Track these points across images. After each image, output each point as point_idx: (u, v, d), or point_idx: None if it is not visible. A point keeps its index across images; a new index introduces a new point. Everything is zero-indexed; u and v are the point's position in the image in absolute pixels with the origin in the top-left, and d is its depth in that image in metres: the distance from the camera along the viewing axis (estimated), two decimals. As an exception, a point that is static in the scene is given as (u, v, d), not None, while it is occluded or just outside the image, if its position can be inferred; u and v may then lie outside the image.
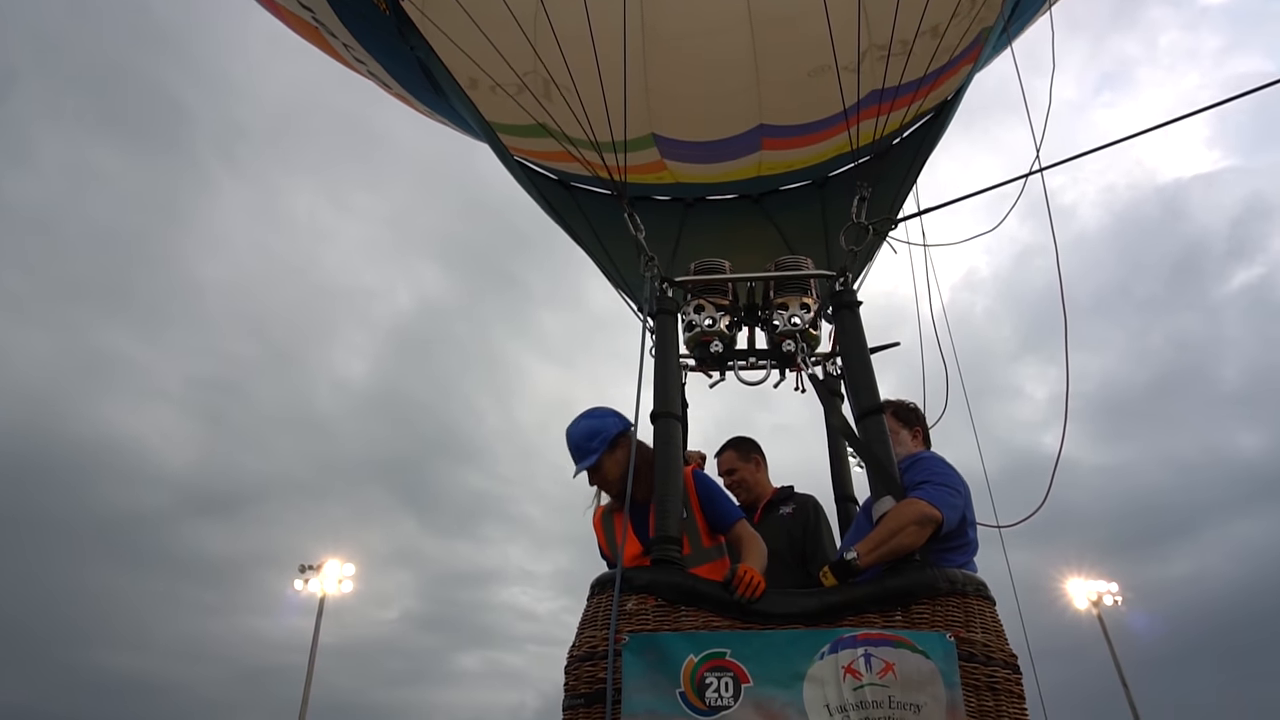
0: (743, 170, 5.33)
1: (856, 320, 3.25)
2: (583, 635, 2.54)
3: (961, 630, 2.35)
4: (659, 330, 3.28)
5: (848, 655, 2.29)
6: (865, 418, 2.96)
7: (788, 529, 3.46)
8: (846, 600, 2.44)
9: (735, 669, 2.31)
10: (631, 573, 2.58)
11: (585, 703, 2.41)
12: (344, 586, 40.74)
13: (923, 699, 2.23)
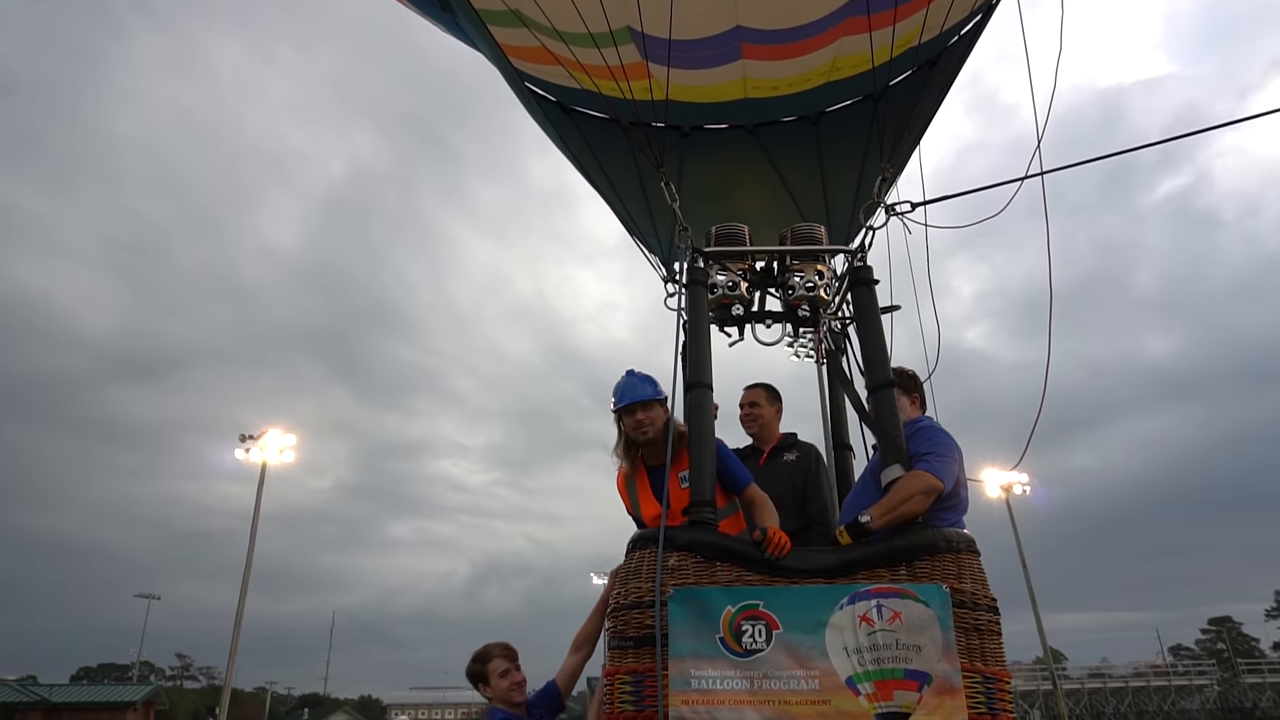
0: (729, 88, 5.10)
1: (873, 296, 3.47)
2: (628, 586, 2.86)
3: (955, 581, 2.78)
4: (691, 301, 3.46)
5: (863, 606, 2.70)
6: (877, 391, 3.23)
7: (790, 474, 3.78)
8: (861, 558, 2.81)
9: (767, 618, 2.69)
10: (674, 533, 2.86)
11: (634, 645, 2.77)
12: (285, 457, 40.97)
13: (923, 640, 2.66)
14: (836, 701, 2.59)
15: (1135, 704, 58.36)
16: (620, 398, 3.30)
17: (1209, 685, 62.89)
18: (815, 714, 2.58)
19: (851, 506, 3.30)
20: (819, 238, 3.72)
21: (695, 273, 3.54)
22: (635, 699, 2.69)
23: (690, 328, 3.40)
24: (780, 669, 2.63)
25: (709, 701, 2.60)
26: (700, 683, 2.63)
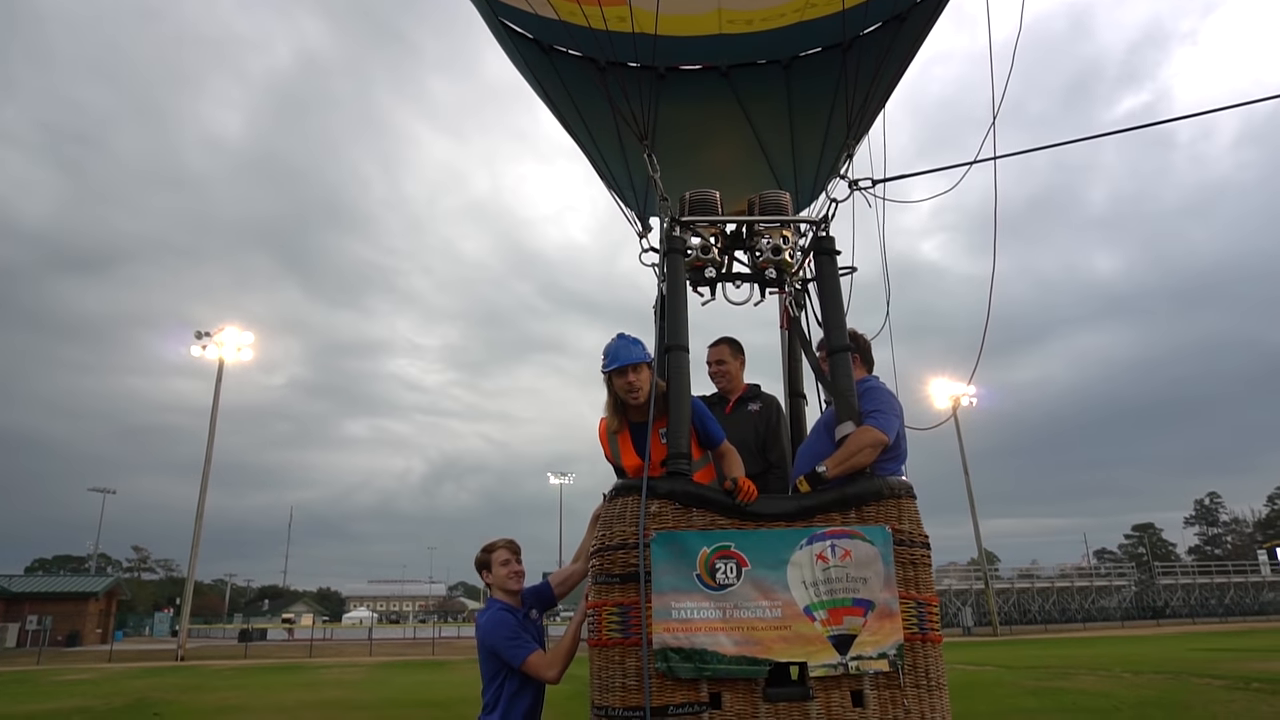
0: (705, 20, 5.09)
1: (833, 264, 3.78)
2: (613, 530, 3.19)
3: (896, 523, 3.19)
4: (670, 268, 3.70)
5: (819, 546, 3.11)
6: (835, 354, 3.57)
7: (754, 423, 4.11)
8: (817, 504, 3.19)
9: (738, 557, 3.07)
10: (654, 482, 3.19)
11: (620, 581, 3.11)
12: (243, 355, 40.54)
13: (868, 574, 3.09)
14: (796, 627, 2.99)
15: (1059, 603, 62.30)
16: (612, 360, 3.52)
17: (1127, 586, 67.22)
18: (778, 637, 2.97)
19: (806, 455, 3.66)
20: (785, 204, 4.00)
21: (674, 241, 3.77)
22: (622, 627, 3.04)
23: (669, 292, 3.66)
24: (749, 600, 3.01)
25: (688, 629, 2.96)
26: (680, 613, 3.00)
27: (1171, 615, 61.81)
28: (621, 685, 2.98)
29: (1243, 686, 14.75)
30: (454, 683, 20.49)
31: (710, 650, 2.94)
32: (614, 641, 3.04)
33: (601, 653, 3.07)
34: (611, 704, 2.98)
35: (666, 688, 2.94)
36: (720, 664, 2.94)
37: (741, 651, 2.95)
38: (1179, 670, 18.45)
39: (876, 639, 3.00)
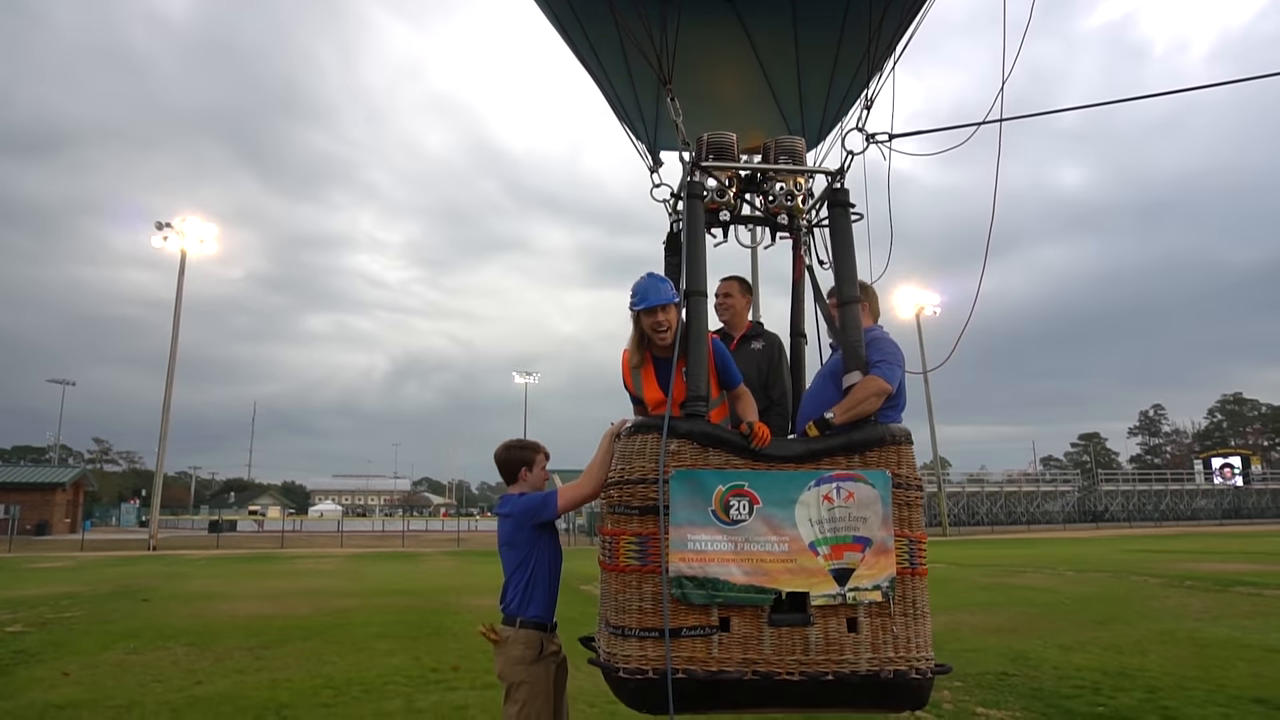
0: None
1: (848, 217, 3.86)
2: (631, 465, 3.37)
3: (895, 468, 3.39)
4: (689, 213, 3.75)
5: (826, 487, 3.30)
6: (845, 305, 3.70)
7: (757, 361, 4.23)
8: (825, 448, 3.39)
9: (750, 495, 3.26)
10: (674, 422, 3.36)
11: (639, 513, 3.31)
12: (205, 246, 39.59)
13: (868, 514, 3.30)
14: (800, 560, 3.24)
15: (1006, 506, 65.12)
16: (641, 299, 3.61)
17: (1071, 492, 70.35)
18: (784, 569, 3.24)
19: (814, 401, 3.86)
20: (800, 150, 4.08)
21: (693, 187, 3.81)
22: (640, 556, 3.28)
23: (688, 236, 3.73)
24: (759, 535, 3.24)
25: (702, 559, 3.22)
26: (695, 545, 3.22)
27: (1110, 519, 65.06)
28: (638, 608, 3.23)
29: (1176, 584, 15.82)
30: (429, 573, 21.14)
31: (722, 579, 3.19)
32: (631, 568, 3.27)
33: (619, 577, 3.31)
34: (628, 624, 3.24)
35: (680, 612, 3.19)
36: (730, 592, 3.18)
37: (750, 581, 3.20)
38: (1118, 569, 19.65)
39: (872, 572, 3.27)
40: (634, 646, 3.19)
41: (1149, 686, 7.03)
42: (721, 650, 3.16)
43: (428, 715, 6.20)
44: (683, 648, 3.16)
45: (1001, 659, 8.38)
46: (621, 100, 4.99)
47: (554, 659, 3.71)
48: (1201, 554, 25.20)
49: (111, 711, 6.38)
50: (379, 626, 10.98)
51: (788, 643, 3.18)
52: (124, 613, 12.72)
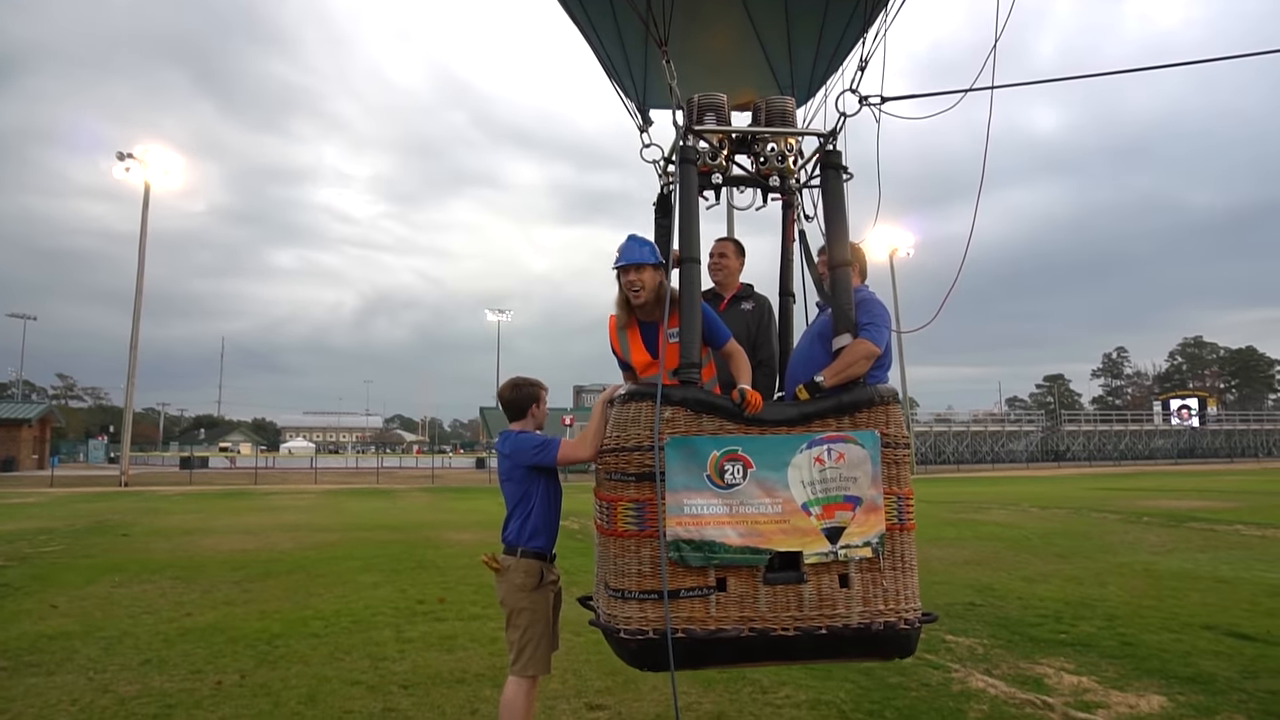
0: None
1: (840, 180, 3.87)
2: (627, 433, 3.42)
3: (884, 428, 3.49)
4: (682, 178, 3.74)
5: (817, 450, 3.39)
6: (836, 269, 3.74)
7: (746, 321, 4.28)
8: (816, 411, 3.47)
9: (744, 460, 3.33)
10: (668, 390, 3.41)
11: (636, 479, 3.38)
12: (169, 178, 38.50)
13: (859, 474, 3.40)
14: (794, 521, 3.32)
15: (972, 445, 66.61)
16: (619, 258, 3.67)
17: (1034, 432, 72.06)
18: (777, 530, 3.34)
19: (802, 361, 3.92)
20: (792, 111, 4.06)
21: (686, 152, 3.79)
22: (638, 521, 3.36)
23: (681, 203, 3.72)
24: (753, 498, 3.32)
25: (698, 523, 3.29)
26: (691, 509, 3.30)
27: (1072, 459, 66.89)
28: (637, 571, 3.33)
29: (1134, 520, 16.42)
30: (407, 509, 21.34)
31: (718, 542, 3.29)
32: (630, 533, 3.36)
33: (617, 542, 3.40)
34: (628, 587, 3.34)
35: (678, 574, 3.30)
36: (726, 553, 3.27)
37: (745, 543, 3.30)
38: (1079, 506, 20.32)
39: (863, 530, 3.38)
40: (634, 609, 3.30)
41: (1108, 615, 7.38)
42: (719, 610, 3.28)
43: (417, 644, 6.37)
44: (681, 608, 3.27)
45: (969, 590, 8.72)
46: (610, 57, 4.86)
47: (552, 588, 3.85)
48: (1158, 492, 26.11)
49: (104, 641, 6.48)
50: (362, 560, 11.15)
51: (782, 600, 3.31)
52: (104, 547, 12.77)
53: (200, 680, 5.42)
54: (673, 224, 3.85)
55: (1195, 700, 4.98)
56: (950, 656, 6.04)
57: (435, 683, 5.35)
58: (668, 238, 4.14)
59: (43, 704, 4.92)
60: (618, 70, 4.89)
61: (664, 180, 4.32)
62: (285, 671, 5.62)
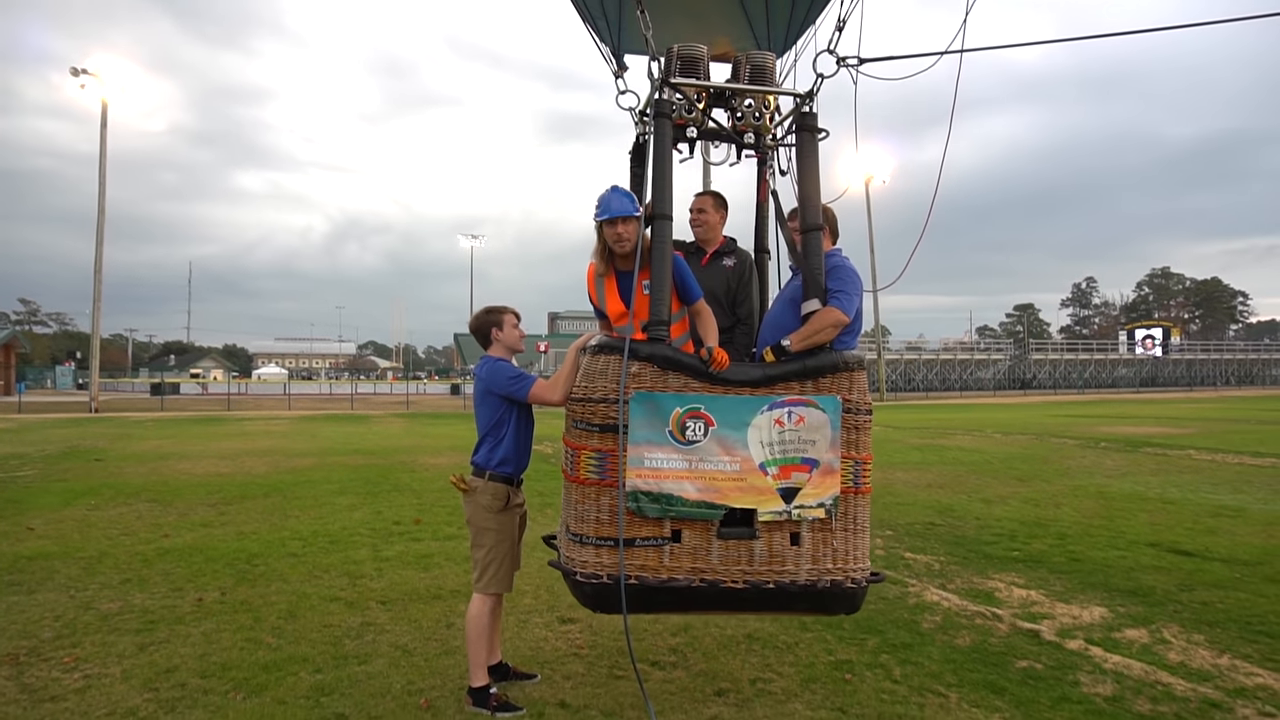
0: None
1: (815, 142, 3.86)
2: (594, 384, 3.50)
3: (846, 394, 3.56)
4: (657, 133, 3.72)
5: (778, 412, 3.47)
6: (808, 232, 3.75)
7: (726, 278, 4.27)
8: (780, 374, 3.53)
9: (706, 418, 3.43)
10: (636, 345, 3.46)
11: (599, 430, 3.47)
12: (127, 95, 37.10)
13: (817, 437, 3.48)
14: (751, 479, 3.41)
15: (941, 373, 67.69)
16: (603, 210, 3.64)
17: (1003, 360, 73.27)
18: (734, 487, 3.41)
19: (772, 326, 3.95)
20: (770, 67, 4.00)
21: (661, 105, 3.76)
22: (599, 470, 3.45)
23: (655, 159, 3.70)
24: (712, 455, 3.41)
25: (658, 476, 3.39)
26: (651, 462, 3.39)
27: (1038, 387, 68.25)
28: (595, 519, 3.45)
29: (1092, 445, 16.95)
30: (382, 434, 21.46)
31: (676, 495, 3.38)
32: (591, 481, 3.47)
33: (579, 489, 3.51)
34: (586, 532, 3.47)
35: (635, 523, 3.40)
36: (683, 507, 3.38)
37: (702, 497, 3.41)
38: (1041, 432, 20.89)
39: (818, 492, 3.49)
40: (590, 553, 3.43)
41: (1059, 534, 7.72)
42: (672, 559, 3.41)
43: (394, 563, 6.54)
44: (636, 556, 3.40)
45: (929, 511, 9.05)
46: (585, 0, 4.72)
47: (518, 510, 3.98)
48: (1117, 419, 26.85)
49: (84, 562, 6.58)
50: (338, 484, 11.28)
51: (734, 554, 3.43)
52: (78, 472, 12.79)
53: (181, 597, 5.55)
54: (646, 174, 3.83)
55: (1134, 611, 5.28)
56: (908, 572, 6.32)
57: (412, 599, 5.53)
58: (642, 187, 4.12)
59: (26, 620, 5.04)
60: (592, 13, 4.77)
61: (639, 128, 4.27)
62: (265, 589, 5.77)
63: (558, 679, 4.13)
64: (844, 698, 3.90)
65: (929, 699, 3.89)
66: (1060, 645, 4.62)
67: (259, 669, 4.20)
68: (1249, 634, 4.80)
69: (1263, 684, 4.07)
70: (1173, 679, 4.12)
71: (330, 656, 4.39)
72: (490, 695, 3.72)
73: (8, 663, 4.30)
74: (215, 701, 3.80)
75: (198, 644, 4.59)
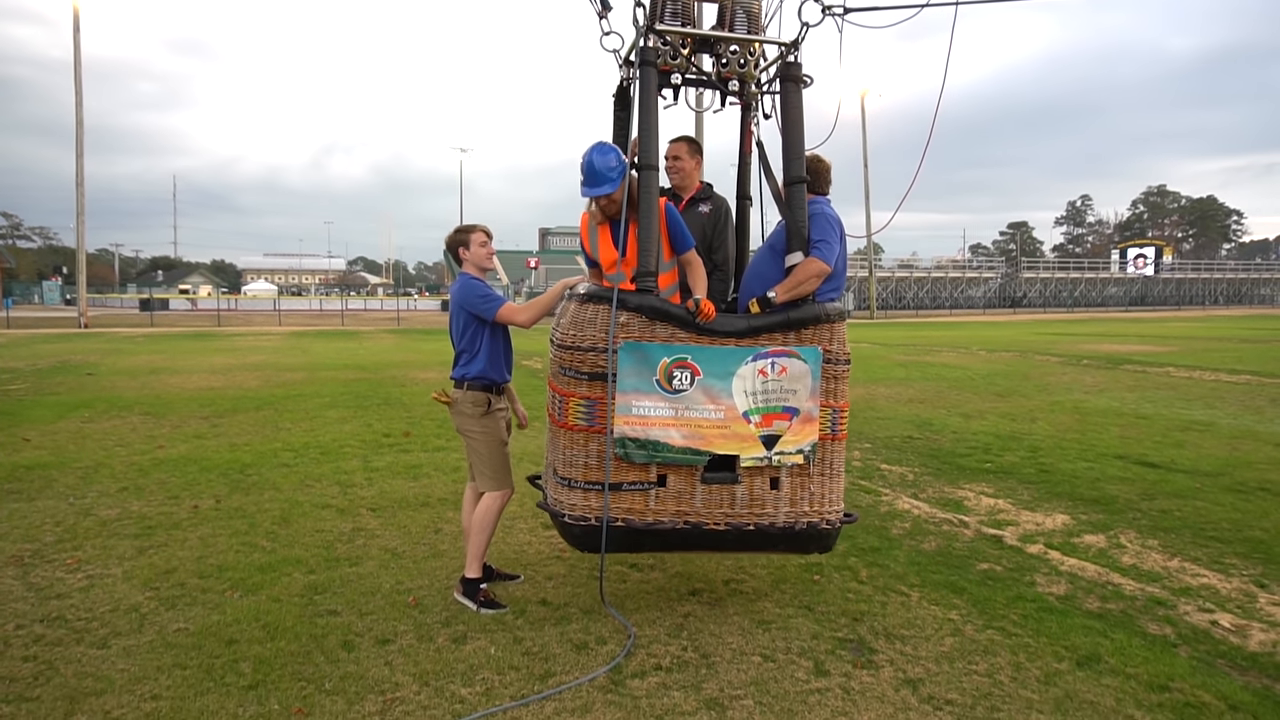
0: None
1: (799, 93, 3.85)
2: (583, 333, 3.57)
3: (827, 344, 3.69)
4: (642, 83, 3.72)
5: (762, 363, 3.59)
6: (792, 185, 3.78)
7: (703, 224, 4.28)
8: (765, 325, 3.63)
9: (692, 368, 3.54)
10: (625, 295, 3.53)
11: (588, 378, 3.56)
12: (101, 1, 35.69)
13: (798, 387, 3.62)
14: (734, 427, 3.55)
15: (932, 291, 67.83)
16: (589, 186, 3.68)
17: (994, 279, 73.33)
18: (718, 434, 3.55)
19: (757, 274, 4.00)
20: (757, 12, 3.93)
21: (646, 53, 3.73)
22: (588, 418, 3.56)
23: (640, 108, 3.70)
24: (698, 403, 3.53)
25: (645, 424, 3.51)
26: (639, 410, 3.51)
27: (1028, 305, 68.55)
28: (584, 464, 3.58)
29: (1074, 363, 17.20)
30: (373, 349, 21.57)
31: (662, 442, 3.53)
32: (579, 428, 3.58)
33: (568, 435, 3.62)
34: (574, 476, 3.60)
35: (622, 469, 3.55)
36: (669, 453, 3.52)
37: (688, 444, 3.55)
38: (1024, 349, 21.14)
39: (797, 439, 3.65)
40: (579, 496, 3.57)
41: (1032, 447, 7.95)
42: (658, 503, 3.57)
43: (384, 472, 6.73)
44: (623, 500, 3.55)
45: (908, 425, 9.27)
46: None
47: (502, 414, 4.12)
48: (1102, 337, 27.13)
49: (81, 471, 6.75)
50: (329, 398, 11.44)
51: (717, 498, 3.60)
52: (70, 386, 12.90)
53: (177, 505, 5.73)
54: (631, 119, 3.81)
55: (1095, 518, 5.51)
56: (883, 483, 6.54)
57: (401, 506, 5.73)
58: (626, 131, 4.09)
59: (28, 525, 5.21)
60: None
61: (624, 72, 4.21)
62: (258, 497, 5.95)
63: (540, 579, 4.34)
64: (811, 596, 4.12)
65: (891, 598, 4.11)
66: (1021, 549, 4.85)
67: (254, 570, 4.40)
68: (1201, 539, 5.04)
69: (1207, 584, 4.31)
70: (1123, 580, 4.36)
71: (322, 559, 4.59)
72: (479, 590, 3.93)
73: (13, 564, 4.48)
74: (213, 599, 3.99)
75: (195, 547, 4.78)
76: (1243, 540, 5.00)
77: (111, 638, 3.55)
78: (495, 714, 2.93)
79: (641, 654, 3.45)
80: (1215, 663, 3.39)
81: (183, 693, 3.06)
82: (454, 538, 4.98)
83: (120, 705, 2.97)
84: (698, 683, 3.20)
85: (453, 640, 3.56)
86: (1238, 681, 3.22)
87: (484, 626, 3.71)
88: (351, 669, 3.27)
